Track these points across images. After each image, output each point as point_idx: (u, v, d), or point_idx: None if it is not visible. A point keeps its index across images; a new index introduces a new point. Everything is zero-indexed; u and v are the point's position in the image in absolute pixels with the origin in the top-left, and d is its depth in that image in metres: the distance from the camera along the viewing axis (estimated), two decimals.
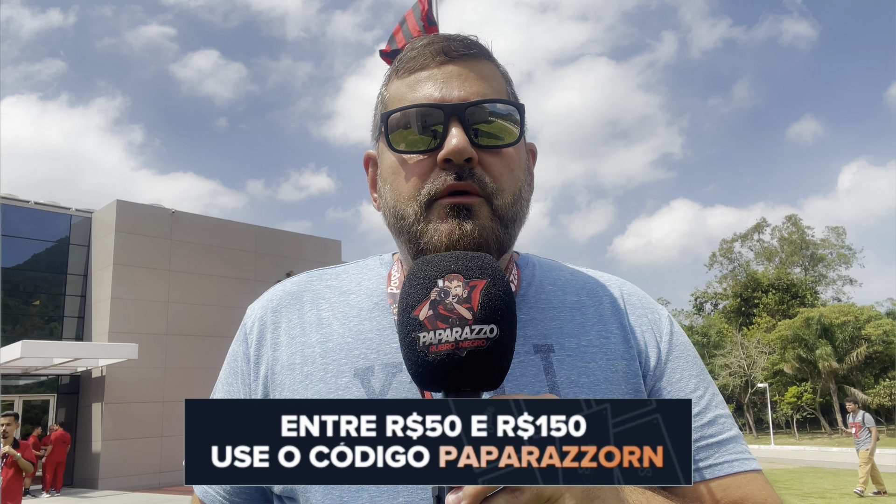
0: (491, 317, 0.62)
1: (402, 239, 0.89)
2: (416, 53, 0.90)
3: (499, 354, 0.63)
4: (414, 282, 0.66)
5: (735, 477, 0.87)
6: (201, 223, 22.27)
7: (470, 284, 0.64)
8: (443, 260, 0.67)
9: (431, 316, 0.63)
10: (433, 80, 0.87)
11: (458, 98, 0.85)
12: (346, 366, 0.89)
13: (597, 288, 1.00)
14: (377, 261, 1.04)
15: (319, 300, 0.98)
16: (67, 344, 19.48)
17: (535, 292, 0.96)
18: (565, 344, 0.90)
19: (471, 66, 0.89)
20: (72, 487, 18.78)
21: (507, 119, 0.87)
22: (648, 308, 1.00)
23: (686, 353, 0.96)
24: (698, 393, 0.92)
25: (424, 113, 0.86)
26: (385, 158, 0.91)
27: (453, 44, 0.89)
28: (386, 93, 0.93)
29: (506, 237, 0.87)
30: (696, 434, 0.89)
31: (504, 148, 0.87)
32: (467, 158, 0.83)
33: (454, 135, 0.83)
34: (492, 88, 0.88)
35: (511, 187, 0.87)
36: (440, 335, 0.62)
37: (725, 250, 53.33)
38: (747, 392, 40.84)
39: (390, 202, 0.89)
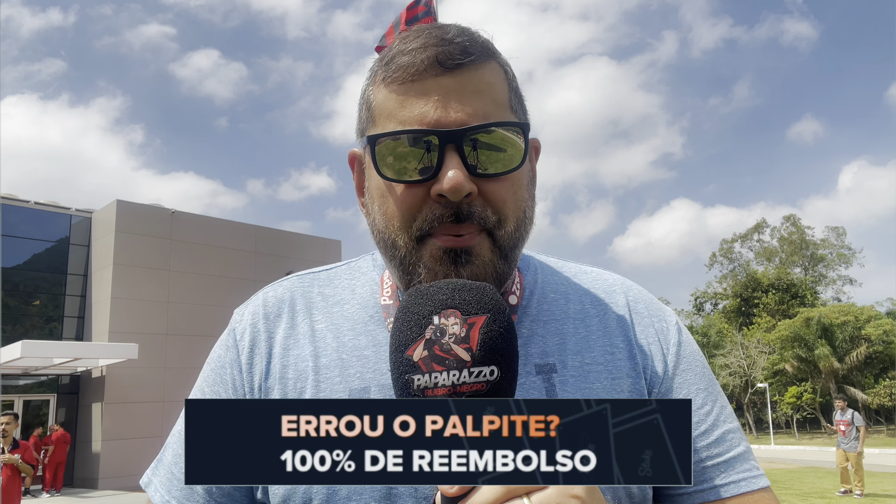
0: (491, 357, 0.59)
1: (392, 265, 0.83)
2: (407, 60, 0.80)
3: (499, 397, 0.59)
4: (407, 317, 0.62)
5: (744, 497, 0.85)
6: (201, 223, 22.27)
7: (468, 322, 0.59)
8: (438, 292, 0.62)
9: (426, 357, 0.58)
10: (427, 96, 0.78)
11: (454, 121, 0.77)
12: (339, 385, 0.85)
13: (602, 294, 0.96)
14: (370, 262, 0.99)
15: (312, 310, 0.93)
16: (67, 344, 19.47)
17: (538, 303, 0.93)
18: (568, 362, 0.87)
19: (469, 77, 0.79)
20: (72, 487, 18.77)
21: (510, 132, 0.80)
22: (655, 316, 0.96)
23: (694, 364, 0.93)
24: (706, 408, 0.89)
25: (417, 138, 0.77)
26: (373, 175, 0.84)
27: (450, 49, 0.79)
28: (372, 97, 0.85)
29: (506, 269, 0.82)
30: (704, 454, 0.87)
31: (507, 174, 0.80)
32: (466, 194, 0.76)
33: (451, 169, 0.75)
34: (493, 102, 0.80)
35: (514, 213, 0.81)
36: (436, 378, 0.58)
37: (725, 250, 53.34)
38: (747, 392, 40.81)
39: (380, 225, 0.83)
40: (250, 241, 22.82)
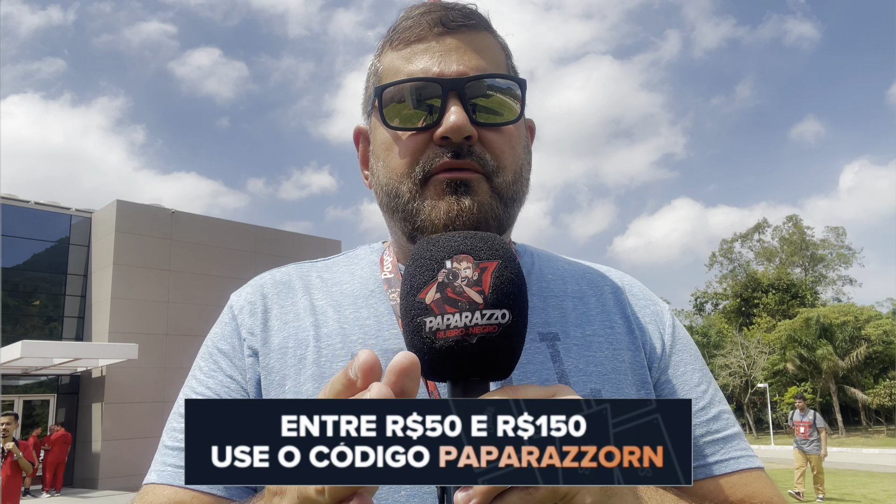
0: (503, 301, 0.58)
1: (395, 218, 0.85)
2: (411, 23, 0.84)
3: (510, 341, 0.59)
4: (419, 262, 0.61)
5: (741, 474, 0.86)
6: (201, 223, 22.27)
7: (480, 266, 0.59)
8: (451, 239, 0.62)
9: (439, 299, 0.58)
10: (430, 52, 0.83)
11: (456, 72, 0.81)
12: (341, 350, 0.85)
13: (597, 278, 0.98)
14: (367, 249, 1.00)
15: (311, 289, 0.94)
16: (67, 344, 19.47)
17: (537, 280, 0.94)
18: (570, 333, 0.88)
19: (470, 37, 0.84)
20: (72, 487, 18.77)
21: (508, 94, 0.83)
22: (650, 300, 0.98)
23: (688, 346, 0.95)
24: (702, 387, 0.91)
25: (421, 87, 0.81)
26: (378, 134, 0.86)
27: (451, 13, 0.84)
28: (379, 64, 0.88)
29: (505, 216, 0.83)
30: (702, 429, 0.88)
31: (505, 125, 0.83)
32: (466, 136, 0.79)
33: (453, 111, 0.78)
34: (492, 62, 0.84)
35: (512, 165, 0.84)
36: (448, 320, 0.57)
37: (725, 250, 53.34)
38: (747, 392, 40.82)
39: (383, 180, 0.85)
40: (250, 241, 22.83)
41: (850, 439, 33.71)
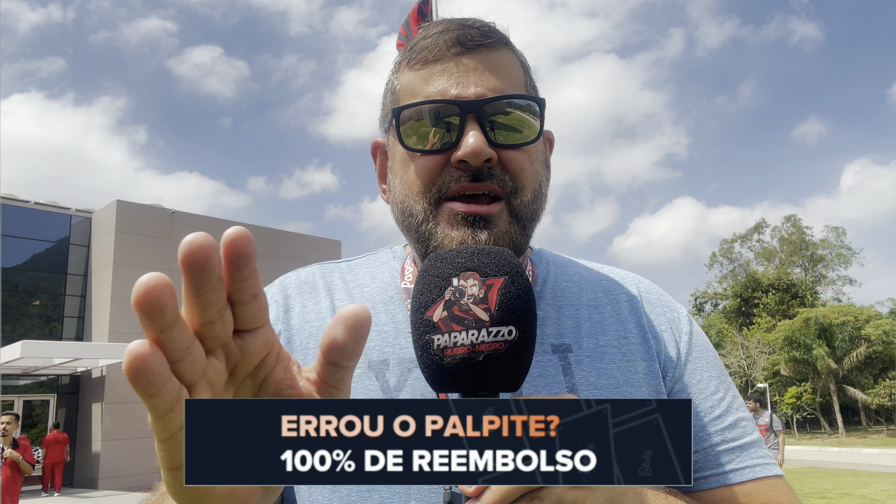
0: (509, 318, 0.59)
1: (410, 237, 0.86)
2: (429, 43, 0.84)
3: (518, 357, 0.60)
4: (427, 280, 0.63)
5: (758, 482, 0.85)
6: (201, 223, 22.25)
7: (486, 283, 0.60)
8: (458, 256, 0.63)
9: (446, 317, 0.60)
10: (448, 73, 0.82)
11: (474, 94, 0.80)
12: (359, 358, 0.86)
13: (613, 286, 0.97)
14: (389, 254, 1.00)
15: (333, 290, 0.95)
16: (67, 344, 19.47)
17: (551, 289, 0.93)
18: (583, 344, 0.87)
19: (488, 57, 0.84)
20: (72, 487, 18.77)
21: (527, 111, 0.83)
22: (667, 307, 0.97)
23: (706, 353, 0.94)
24: (719, 395, 0.90)
25: (439, 109, 0.81)
26: (396, 151, 0.87)
27: (469, 32, 0.83)
28: (397, 83, 0.88)
29: (523, 238, 0.84)
30: (718, 437, 0.87)
31: (525, 146, 0.83)
32: (486, 159, 0.79)
33: (471, 135, 0.78)
34: (510, 81, 0.84)
35: (531, 183, 0.84)
36: (455, 338, 0.59)
37: (725, 250, 53.32)
38: (747, 392, 40.78)
39: (399, 196, 0.86)
40: None
41: (850, 439, 33.68)
